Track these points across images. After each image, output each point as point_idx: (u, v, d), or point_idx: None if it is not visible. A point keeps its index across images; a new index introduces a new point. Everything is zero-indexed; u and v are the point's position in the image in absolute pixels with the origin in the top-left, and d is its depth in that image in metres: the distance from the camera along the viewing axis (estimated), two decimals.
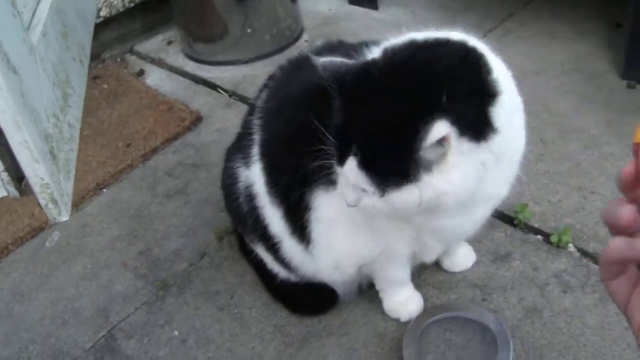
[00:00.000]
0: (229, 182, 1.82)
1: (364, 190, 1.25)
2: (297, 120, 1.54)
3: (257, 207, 1.72)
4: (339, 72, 1.25)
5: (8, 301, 2.11)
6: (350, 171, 1.22)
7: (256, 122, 1.71)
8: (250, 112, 1.79)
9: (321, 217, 1.58)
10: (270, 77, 1.77)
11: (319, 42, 1.76)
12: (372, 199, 1.26)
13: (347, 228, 1.58)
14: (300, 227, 1.62)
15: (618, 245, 0.70)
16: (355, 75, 1.24)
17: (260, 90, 1.80)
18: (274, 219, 1.69)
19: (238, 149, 1.80)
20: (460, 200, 1.26)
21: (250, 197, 1.73)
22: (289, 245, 1.72)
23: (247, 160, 1.73)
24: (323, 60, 1.24)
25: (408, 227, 1.53)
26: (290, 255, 1.75)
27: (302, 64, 1.70)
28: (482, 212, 1.51)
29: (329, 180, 1.48)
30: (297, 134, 1.53)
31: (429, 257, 1.75)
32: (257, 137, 1.69)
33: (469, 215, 1.46)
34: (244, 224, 1.83)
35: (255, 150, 1.69)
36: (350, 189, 1.27)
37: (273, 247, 1.76)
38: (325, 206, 1.56)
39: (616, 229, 0.72)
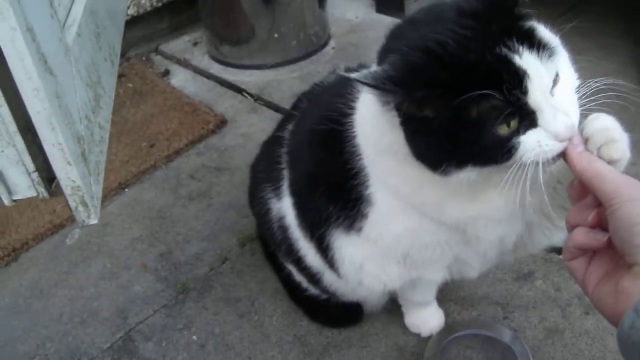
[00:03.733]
0: (260, 208, 1.80)
1: (554, 85, 1.07)
2: (308, 165, 1.56)
3: (290, 238, 1.71)
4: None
5: (27, 297, 2.11)
6: (532, 66, 1.03)
7: (285, 156, 1.68)
8: (279, 142, 1.73)
9: (344, 258, 1.56)
10: (295, 106, 1.76)
11: (338, 71, 1.70)
12: (565, 86, 1.10)
13: (373, 265, 1.55)
14: (328, 259, 1.61)
15: (581, 234, 0.97)
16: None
17: (286, 120, 1.78)
18: (309, 252, 1.68)
19: (268, 177, 1.76)
20: None
21: (284, 228, 1.71)
22: (331, 277, 1.71)
23: (278, 192, 1.71)
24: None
25: (447, 251, 1.48)
26: (335, 287, 1.74)
27: (318, 95, 1.68)
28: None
29: (349, 225, 1.47)
30: (309, 177, 1.55)
31: (472, 274, 1.63)
32: (286, 173, 1.66)
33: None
34: (279, 248, 1.82)
35: (286, 186, 1.67)
36: (556, 111, 1.05)
37: (313, 277, 1.76)
38: (345, 249, 1.54)
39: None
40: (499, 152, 1.06)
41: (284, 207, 1.68)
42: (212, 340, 1.91)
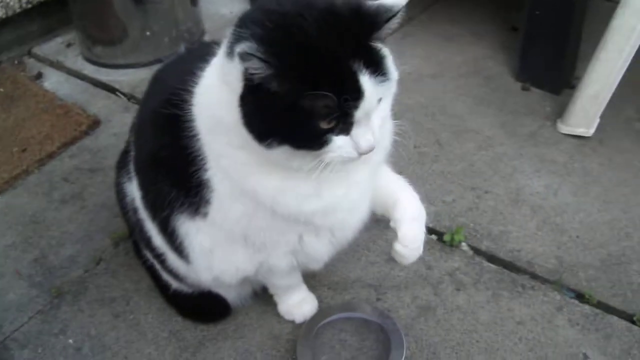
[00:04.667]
0: (120, 196, 1.83)
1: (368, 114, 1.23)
2: (150, 147, 1.56)
3: (140, 219, 1.72)
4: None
5: None
6: (369, 90, 1.17)
7: (131, 138, 1.73)
8: (131, 127, 1.79)
9: (193, 244, 1.58)
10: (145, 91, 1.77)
11: (182, 48, 1.74)
12: (381, 111, 1.26)
13: (222, 250, 1.58)
14: (175, 245, 1.62)
15: None
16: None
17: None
18: (153, 232, 1.69)
19: (124, 164, 1.79)
20: None
21: (135, 210, 1.74)
22: (172, 257, 1.71)
23: (129, 175, 1.73)
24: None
25: (288, 236, 1.53)
26: (175, 266, 1.75)
27: (157, 78, 1.71)
28: (362, 173, 1.45)
29: (193, 210, 1.49)
30: (152, 159, 1.55)
31: (316, 265, 1.71)
32: (132, 154, 1.69)
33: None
34: (136, 233, 1.83)
35: (132, 167, 1.70)
36: (367, 129, 1.23)
37: (159, 257, 1.76)
38: (193, 235, 1.56)
39: None
40: (314, 141, 1.21)
41: (133, 188, 1.70)
42: (88, 343, 1.89)
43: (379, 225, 2.01)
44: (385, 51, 1.23)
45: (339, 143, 1.22)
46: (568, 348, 1.79)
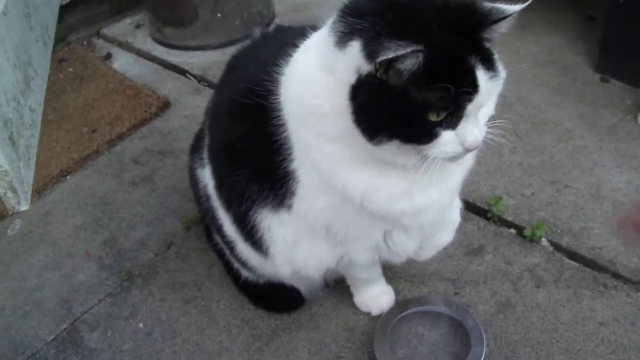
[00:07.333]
0: (193, 181, 1.81)
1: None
2: (227, 137, 1.52)
3: (213, 207, 1.70)
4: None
5: None
6: (484, 85, 1.16)
7: (206, 124, 1.70)
8: (206, 112, 1.76)
9: (275, 238, 1.54)
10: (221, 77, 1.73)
11: (257, 33, 1.71)
12: (488, 108, 1.25)
13: (306, 242, 1.54)
14: (254, 239, 1.58)
15: None
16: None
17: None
18: (226, 221, 1.66)
19: (197, 149, 1.77)
20: None
21: (207, 197, 1.71)
22: (243, 248, 1.68)
23: (202, 161, 1.71)
24: None
25: (371, 232, 1.49)
26: (245, 257, 1.72)
27: (234, 66, 1.67)
28: (457, 177, 1.44)
29: (277, 203, 1.45)
30: (228, 149, 1.52)
31: (399, 260, 1.66)
32: (206, 141, 1.67)
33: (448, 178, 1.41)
34: (208, 218, 1.81)
35: (206, 154, 1.67)
36: (474, 125, 1.20)
37: (229, 244, 1.74)
38: (276, 228, 1.52)
39: None
40: (424, 135, 1.18)
41: (206, 175, 1.68)
42: (159, 328, 1.88)
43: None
44: (495, 50, 1.20)
45: (446, 138, 1.19)
46: None
